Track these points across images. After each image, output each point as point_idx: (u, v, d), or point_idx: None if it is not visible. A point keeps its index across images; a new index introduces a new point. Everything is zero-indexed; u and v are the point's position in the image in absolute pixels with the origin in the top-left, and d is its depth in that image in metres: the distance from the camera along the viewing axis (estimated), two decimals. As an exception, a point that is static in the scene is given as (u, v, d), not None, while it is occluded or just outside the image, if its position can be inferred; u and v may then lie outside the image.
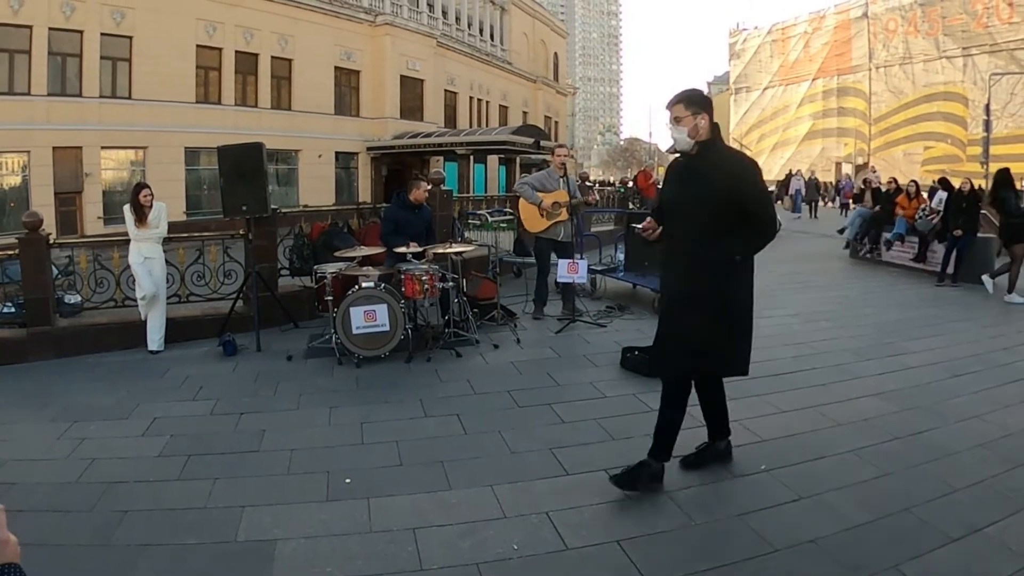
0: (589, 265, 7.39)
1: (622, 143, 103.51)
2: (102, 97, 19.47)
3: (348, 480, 3.42)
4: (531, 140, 24.83)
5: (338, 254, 6.28)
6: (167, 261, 6.50)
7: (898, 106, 36.62)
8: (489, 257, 8.12)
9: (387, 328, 5.57)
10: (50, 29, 18.13)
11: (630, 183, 18.04)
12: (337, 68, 26.75)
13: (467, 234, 10.16)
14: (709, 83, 69.55)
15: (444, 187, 9.32)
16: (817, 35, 41.68)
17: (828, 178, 34.96)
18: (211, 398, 4.84)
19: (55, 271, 6.63)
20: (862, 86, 38.86)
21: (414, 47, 29.05)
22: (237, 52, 23.02)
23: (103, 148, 19.78)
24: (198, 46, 21.78)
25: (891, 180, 12.81)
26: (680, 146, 3.20)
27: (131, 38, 19.92)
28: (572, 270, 6.52)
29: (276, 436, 4.06)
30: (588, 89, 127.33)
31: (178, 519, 3.07)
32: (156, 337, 6.25)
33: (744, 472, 3.43)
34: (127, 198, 6.48)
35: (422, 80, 29.77)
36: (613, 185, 23.55)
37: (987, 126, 25.10)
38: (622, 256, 8.66)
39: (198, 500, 3.25)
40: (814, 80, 42.02)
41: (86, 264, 6.77)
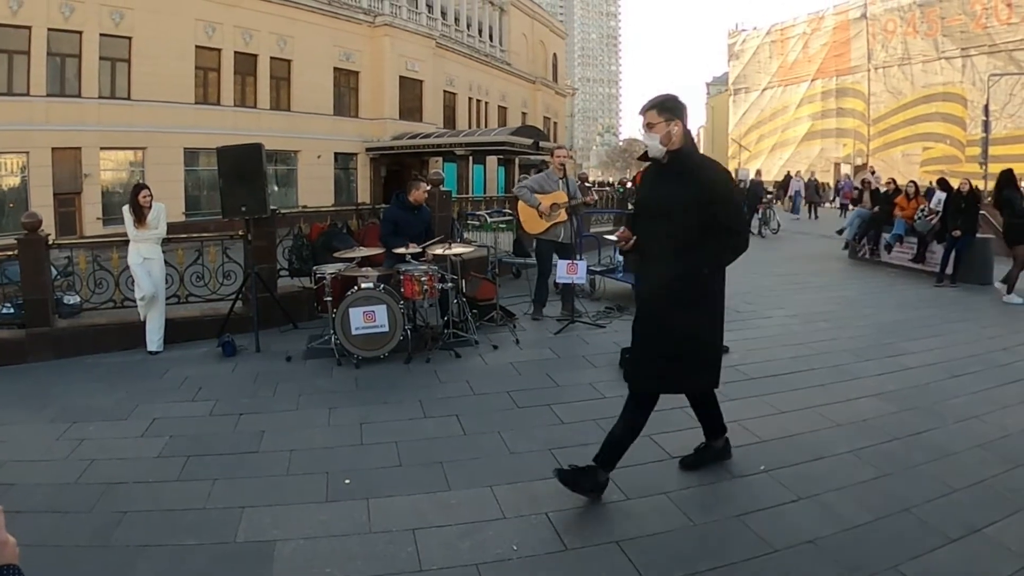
0: (588, 266, 7.39)
1: (621, 144, 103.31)
2: (101, 98, 19.46)
3: (347, 481, 3.42)
4: (530, 141, 24.91)
5: (337, 255, 6.28)
6: (166, 262, 6.49)
7: (897, 107, 36.70)
8: (488, 258, 8.12)
9: (386, 329, 5.57)
10: (49, 30, 18.12)
11: (629, 184, 18.05)
12: (336, 69, 26.75)
13: (466, 235, 10.18)
14: (708, 84, 69.73)
15: (443, 188, 9.33)
16: (816, 36, 41.77)
17: (827, 179, 35.01)
18: (210, 399, 4.84)
19: (54, 272, 6.62)
20: (861, 87, 38.93)
21: (413, 48, 29.06)
22: (236, 53, 23.03)
23: (102, 149, 19.77)
24: (197, 47, 21.78)
25: (890, 181, 12.81)
26: (652, 153, 3.12)
27: (130, 39, 19.91)
28: (571, 271, 6.52)
29: (275, 437, 4.06)
30: (587, 90, 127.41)
31: (177, 520, 3.07)
32: (155, 338, 6.25)
33: (743, 473, 3.43)
34: (126, 199, 6.48)
35: (421, 81, 29.78)
36: (612, 186, 23.56)
37: (986, 127, 25.11)
38: (621, 257, 8.66)
39: (197, 501, 3.25)
40: (813, 81, 42.10)
41: (85, 265, 6.76)
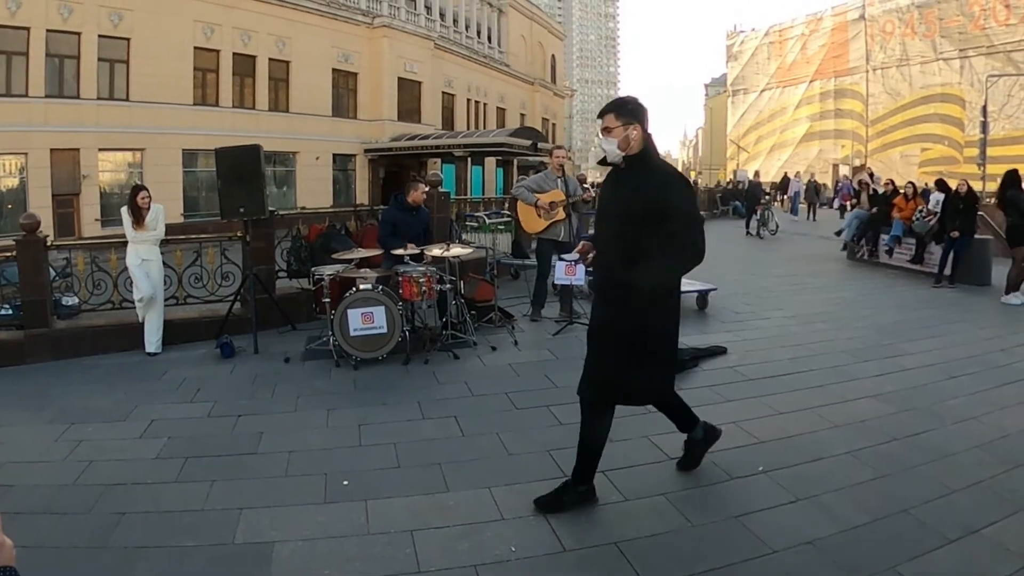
0: (587, 267, 7.38)
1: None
2: (100, 99, 19.46)
3: (346, 482, 3.42)
4: (528, 142, 24.91)
5: (335, 256, 6.28)
6: (165, 263, 6.48)
7: (895, 108, 36.79)
8: (487, 259, 8.12)
9: (384, 330, 5.56)
10: (48, 31, 18.14)
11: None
12: (335, 70, 26.78)
13: (464, 236, 10.18)
14: (707, 85, 69.90)
15: (442, 189, 9.34)
16: (814, 37, 41.85)
17: (825, 180, 35.07)
18: (209, 400, 4.83)
19: (53, 273, 6.61)
20: (859, 88, 39.02)
21: (411, 49, 29.08)
22: (235, 54, 23.05)
23: (101, 150, 19.78)
24: (196, 48, 21.80)
25: (888, 182, 12.81)
26: (610, 158, 3.01)
27: (129, 40, 19.93)
28: (570, 272, 6.52)
29: (274, 438, 4.05)
30: (586, 91, 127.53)
31: (176, 521, 3.07)
32: (154, 339, 6.24)
33: (741, 474, 3.43)
34: (125, 200, 6.48)
35: (419, 82, 29.81)
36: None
37: (984, 128, 25.16)
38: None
39: (196, 502, 3.24)
40: (811, 82, 42.19)
41: (84, 266, 6.76)
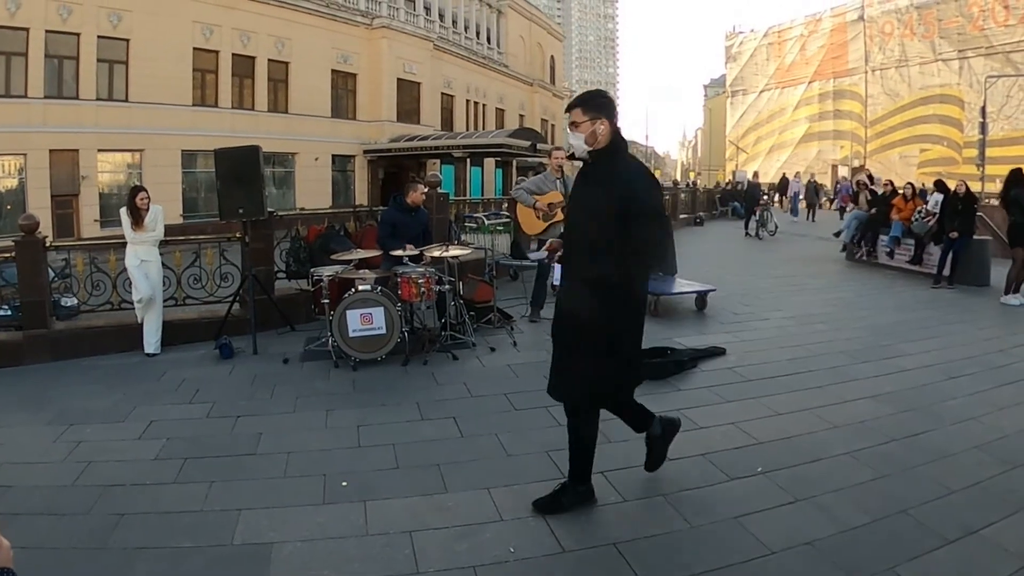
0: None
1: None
2: (99, 100, 19.47)
3: (344, 483, 3.41)
4: (528, 143, 24.94)
5: (334, 257, 6.27)
6: (163, 264, 6.48)
7: (894, 109, 36.81)
8: (486, 260, 8.11)
9: (383, 331, 5.56)
10: (47, 31, 18.15)
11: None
12: (334, 71, 26.80)
13: (463, 237, 10.19)
14: (706, 86, 69.95)
15: (441, 190, 9.33)
16: (813, 38, 41.88)
17: (824, 180, 35.09)
18: (208, 401, 4.83)
19: (51, 274, 6.60)
20: (858, 89, 39.04)
21: (411, 50, 29.10)
22: (234, 55, 23.06)
23: (100, 151, 19.79)
24: (195, 49, 21.81)
25: (887, 182, 12.81)
26: (577, 153, 2.98)
27: (128, 41, 19.94)
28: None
29: (272, 439, 4.05)
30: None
31: (174, 522, 3.06)
32: (152, 340, 6.24)
33: (740, 474, 3.43)
34: (124, 201, 6.48)
35: (419, 83, 29.84)
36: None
37: (983, 128, 25.19)
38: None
39: (194, 503, 3.24)
40: (810, 83, 42.21)
41: (82, 267, 6.75)
